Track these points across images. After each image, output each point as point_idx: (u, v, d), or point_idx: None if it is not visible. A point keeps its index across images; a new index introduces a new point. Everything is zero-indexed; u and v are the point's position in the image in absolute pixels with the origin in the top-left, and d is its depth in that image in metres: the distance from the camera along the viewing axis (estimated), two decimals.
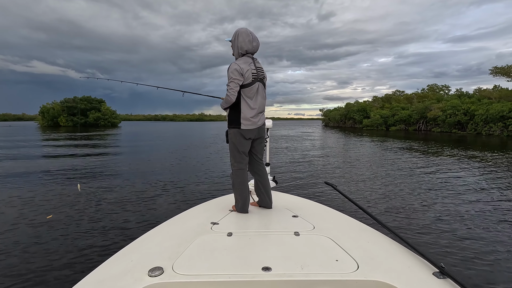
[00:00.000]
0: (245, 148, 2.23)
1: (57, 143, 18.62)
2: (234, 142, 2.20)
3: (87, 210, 4.80)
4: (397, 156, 11.76)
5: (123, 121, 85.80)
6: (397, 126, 40.87)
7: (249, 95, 2.15)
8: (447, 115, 33.10)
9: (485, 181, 7.02)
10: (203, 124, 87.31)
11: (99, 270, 1.34)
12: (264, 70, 2.28)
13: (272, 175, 3.07)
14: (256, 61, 2.23)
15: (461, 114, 31.84)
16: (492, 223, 4.18)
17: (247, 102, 2.16)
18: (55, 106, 55.82)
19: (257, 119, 2.21)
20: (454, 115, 32.41)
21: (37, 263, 3.01)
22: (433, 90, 52.06)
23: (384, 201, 5.38)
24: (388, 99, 52.65)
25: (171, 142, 20.24)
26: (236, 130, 2.17)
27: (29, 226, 4.06)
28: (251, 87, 2.14)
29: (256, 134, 2.24)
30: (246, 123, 2.15)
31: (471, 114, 31.09)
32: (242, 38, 2.16)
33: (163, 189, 6.28)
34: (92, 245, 3.44)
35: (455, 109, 32.54)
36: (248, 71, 2.11)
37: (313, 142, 19.85)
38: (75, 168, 8.86)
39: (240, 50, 2.18)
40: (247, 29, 2.19)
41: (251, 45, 2.17)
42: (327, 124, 63.06)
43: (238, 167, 2.24)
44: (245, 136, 2.18)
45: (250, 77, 2.12)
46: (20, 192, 5.94)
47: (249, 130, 2.18)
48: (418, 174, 8.00)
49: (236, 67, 2.08)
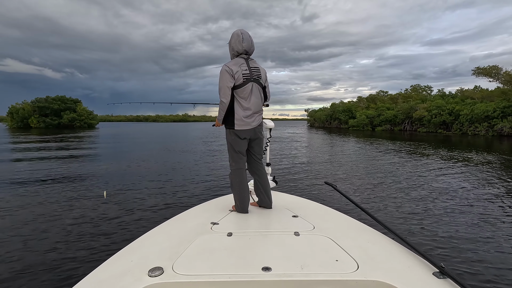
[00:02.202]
0: (241, 148, 2.22)
1: (21, 145, 16.68)
2: (230, 142, 2.22)
3: (87, 210, 4.77)
4: (392, 157, 11.64)
5: (103, 122, 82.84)
6: (383, 126, 40.72)
7: (242, 95, 2.14)
8: (433, 115, 33.06)
9: (485, 182, 6.94)
10: (187, 125, 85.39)
11: (99, 270, 1.33)
12: (261, 70, 2.24)
13: (272, 175, 2.98)
14: (251, 61, 2.21)
15: (446, 114, 31.84)
16: (492, 223, 4.12)
17: (240, 102, 2.15)
18: (25, 106, 52.05)
19: (252, 119, 2.19)
20: (439, 115, 32.38)
21: (36, 263, 3.01)
22: (416, 91, 52.71)
23: (384, 201, 5.30)
24: (373, 99, 52.70)
25: (148, 144, 18.71)
26: (231, 130, 2.18)
27: (26, 229, 3.98)
28: (244, 88, 2.13)
29: (252, 135, 2.22)
30: (240, 123, 2.15)
31: (456, 114, 31.12)
32: (234, 40, 2.17)
33: (162, 189, 6.17)
34: (92, 245, 3.42)
35: (440, 109, 32.54)
36: (238, 72, 2.09)
37: (306, 144, 18.75)
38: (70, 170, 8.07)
39: (232, 51, 2.20)
40: (240, 30, 2.18)
41: (241, 45, 2.15)
42: (312, 125, 62.67)
43: (236, 166, 2.24)
44: (240, 136, 2.17)
45: (241, 78, 2.11)
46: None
47: (244, 130, 2.16)
48: (417, 175, 7.87)
49: (226, 69, 2.08)
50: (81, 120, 54.02)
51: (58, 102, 53.53)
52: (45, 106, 52.23)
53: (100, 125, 63.96)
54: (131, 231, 3.88)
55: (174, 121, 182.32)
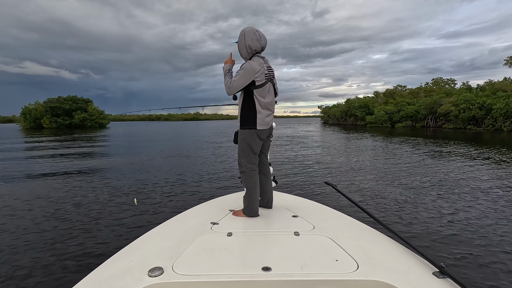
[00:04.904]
0: (258, 148, 2.16)
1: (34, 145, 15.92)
2: (249, 143, 2.11)
3: (86, 210, 4.76)
4: (402, 155, 11.15)
5: (117, 122, 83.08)
6: (403, 123, 38.28)
7: (262, 95, 2.08)
8: (461, 110, 30.55)
9: (493, 179, 6.72)
10: (198, 124, 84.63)
11: (99, 270, 1.33)
12: (273, 69, 2.20)
13: (272, 175, 2.81)
14: (266, 60, 2.15)
15: (476, 108, 29.29)
16: (492, 223, 4.02)
17: (261, 102, 2.08)
18: (37, 106, 52.30)
19: (270, 119, 2.14)
20: (468, 110, 29.84)
21: (36, 264, 2.96)
22: (437, 84, 49.71)
23: (384, 201, 5.22)
24: (391, 94, 50.04)
25: (159, 142, 17.53)
26: (252, 131, 2.09)
27: (27, 227, 3.98)
28: (264, 88, 2.07)
29: (267, 134, 2.20)
30: (262, 123, 2.09)
31: (487, 108, 28.54)
32: (250, 37, 2.07)
33: (162, 189, 6.12)
34: (91, 246, 3.38)
35: (469, 103, 29.99)
36: (261, 71, 2.04)
37: (325, 144, 17.08)
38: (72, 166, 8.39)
39: (249, 49, 2.10)
40: (253, 28, 2.10)
41: (259, 43, 2.08)
42: (326, 122, 60.38)
43: (251, 168, 2.13)
44: (260, 136, 2.12)
45: (263, 78, 2.05)
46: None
47: (264, 130, 2.12)
48: (420, 173, 7.65)
49: (251, 68, 2.01)
50: (92, 120, 53.84)
51: (70, 102, 53.52)
52: (57, 106, 52.29)
53: (111, 125, 63.89)
54: (131, 231, 3.83)
55: (186, 120, 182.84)
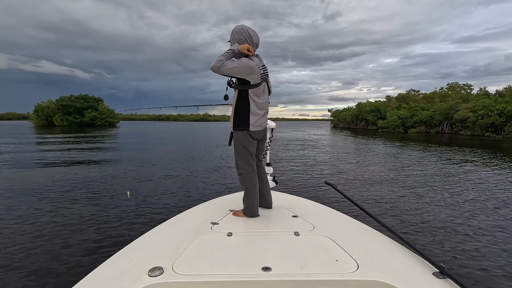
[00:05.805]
0: (254, 149, 2.11)
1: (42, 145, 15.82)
2: (244, 144, 2.05)
3: (86, 210, 4.70)
4: (428, 162, 10.83)
5: (127, 121, 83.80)
6: (417, 128, 37.12)
7: (257, 95, 2.02)
8: (479, 116, 29.35)
9: (492, 184, 6.82)
10: (206, 125, 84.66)
11: (99, 270, 1.32)
12: (267, 67, 2.12)
13: (273, 175, 2.92)
14: (260, 59, 2.07)
15: (495, 115, 28.08)
16: (492, 223, 4.05)
17: (256, 102, 2.01)
18: (50, 104, 53.04)
19: (263, 119, 2.10)
20: (487, 116, 28.64)
21: (36, 264, 2.95)
22: (453, 89, 48.25)
23: (385, 201, 5.16)
24: (404, 99, 48.80)
25: (166, 143, 17.23)
26: (245, 132, 2.03)
27: (26, 227, 3.96)
28: (259, 87, 2.00)
29: (261, 135, 2.17)
30: (255, 124, 2.03)
31: (507, 115, 27.32)
32: (244, 35, 1.99)
33: (162, 189, 6.13)
34: (91, 245, 3.36)
35: (488, 109, 28.79)
36: (256, 72, 1.96)
37: (338, 149, 16.42)
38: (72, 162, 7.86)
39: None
40: (244, 25, 2.03)
41: (251, 41, 2.01)
42: (336, 125, 59.36)
43: (249, 169, 2.09)
44: (253, 137, 2.07)
45: (259, 77, 1.99)
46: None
47: (258, 131, 2.07)
48: (423, 175, 7.70)
49: (250, 65, 1.89)
50: (102, 119, 54.26)
51: (81, 101, 54.12)
52: (68, 105, 52.92)
53: (121, 124, 64.35)
54: (131, 231, 3.81)
55: (195, 120, 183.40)
